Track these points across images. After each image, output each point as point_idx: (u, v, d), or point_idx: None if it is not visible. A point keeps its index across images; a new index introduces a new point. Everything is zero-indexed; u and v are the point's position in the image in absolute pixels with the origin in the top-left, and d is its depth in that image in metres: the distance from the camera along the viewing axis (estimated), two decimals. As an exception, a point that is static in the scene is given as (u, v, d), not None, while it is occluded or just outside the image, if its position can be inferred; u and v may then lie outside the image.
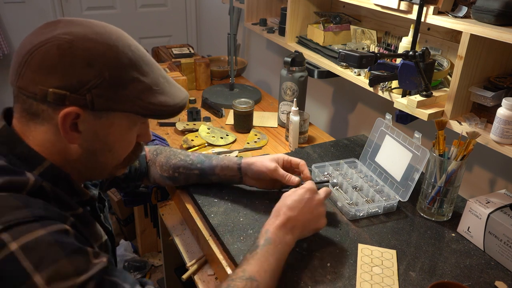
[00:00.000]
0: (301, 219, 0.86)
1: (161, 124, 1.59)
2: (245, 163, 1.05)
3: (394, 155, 1.12)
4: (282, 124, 1.58)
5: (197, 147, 1.41)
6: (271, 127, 1.59)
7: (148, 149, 1.12)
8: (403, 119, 1.18)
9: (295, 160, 1.05)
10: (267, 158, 1.04)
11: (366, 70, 1.33)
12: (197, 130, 1.50)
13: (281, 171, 1.02)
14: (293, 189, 0.91)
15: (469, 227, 0.97)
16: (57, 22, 0.64)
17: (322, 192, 0.93)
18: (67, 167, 0.69)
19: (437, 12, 1.05)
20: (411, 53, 1.07)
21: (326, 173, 1.20)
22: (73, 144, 0.67)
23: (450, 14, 1.03)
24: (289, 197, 0.88)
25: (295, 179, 1.01)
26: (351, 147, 1.37)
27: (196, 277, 1.04)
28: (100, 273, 0.59)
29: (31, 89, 0.62)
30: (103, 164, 0.72)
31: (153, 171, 1.10)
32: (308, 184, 0.92)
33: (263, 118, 1.65)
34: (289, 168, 1.05)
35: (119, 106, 0.65)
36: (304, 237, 0.89)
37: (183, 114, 1.64)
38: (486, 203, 0.95)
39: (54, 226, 0.58)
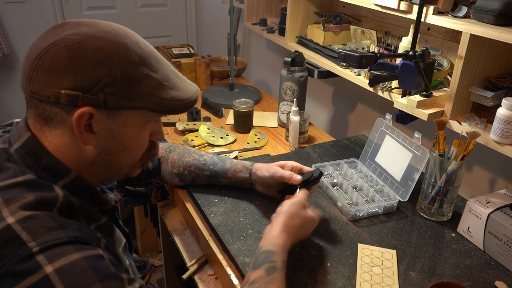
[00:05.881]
0: (294, 231, 0.84)
1: (161, 124, 1.59)
2: (254, 168, 1.04)
3: (394, 155, 1.12)
4: (282, 124, 1.58)
5: (197, 147, 1.41)
6: (271, 127, 1.59)
7: (161, 146, 1.12)
8: (403, 119, 1.18)
9: (306, 168, 1.01)
10: (274, 164, 1.02)
11: (366, 70, 1.33)
12: (197, 130, 1.50)
13: (284, 173, 0.97)
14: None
15: (469, 227, 0.97)
16: (64, 24, 0.64)
17: (300, 195, 0.92)
18: (83, 171, 0.69)
19: (437, 12, 1.05)
20: (411, 53, 1.07)
21: (326, 173, 1.20)
22: (88, 145, 0.66)
23: (450, 14, 1.03)
24: (276, 219, 0.86)
25: (297, 177, 0.97)
26: (351, 147, 1.37)
27: (196, 277, 1.04)
28: None
29: (44, 92, 0.61)
30: (119, 164, 0.72)
31: (164, 168, 1.11)
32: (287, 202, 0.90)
33: (263, 118, 1.65)
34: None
35: (132, 104, 0.65)
36: (302, 238, 0.89)
37: (183, 114, 1.64)
38: (486, 203, 0.95)
39: (89, 251, 0.57)
